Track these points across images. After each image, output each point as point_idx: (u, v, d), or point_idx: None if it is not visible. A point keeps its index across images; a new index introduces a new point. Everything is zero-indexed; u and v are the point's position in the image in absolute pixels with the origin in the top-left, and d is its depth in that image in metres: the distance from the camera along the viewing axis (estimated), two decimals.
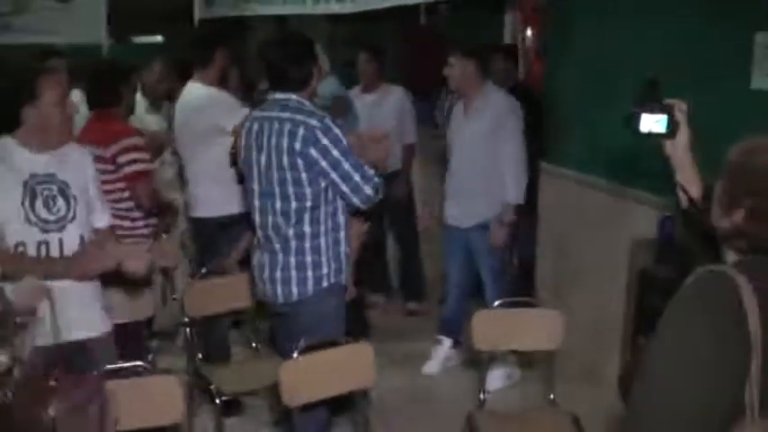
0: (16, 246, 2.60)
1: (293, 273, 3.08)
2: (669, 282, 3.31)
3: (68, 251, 2.69)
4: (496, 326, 3.32)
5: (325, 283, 3.09)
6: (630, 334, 3.94)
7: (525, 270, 5.09)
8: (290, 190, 3.02)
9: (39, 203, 2.64)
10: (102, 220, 2.91)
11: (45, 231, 2.65)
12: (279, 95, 3.10)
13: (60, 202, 2.69)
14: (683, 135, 2.00)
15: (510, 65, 5.16)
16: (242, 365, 4.01)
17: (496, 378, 4.20)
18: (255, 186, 3.13)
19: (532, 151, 4.49)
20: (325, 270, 3.08)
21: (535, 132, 4.60)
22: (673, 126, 1.99)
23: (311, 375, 2.93)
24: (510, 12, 5.61)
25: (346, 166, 2.98)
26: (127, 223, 3.72)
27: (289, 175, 3.00)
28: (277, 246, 3.10)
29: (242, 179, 3.49)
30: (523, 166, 4.27)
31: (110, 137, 3.62)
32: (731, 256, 1.68)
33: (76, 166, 2.79)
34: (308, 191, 3.01)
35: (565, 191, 4.75)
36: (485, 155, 4.23)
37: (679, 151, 2.01)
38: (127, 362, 2.75)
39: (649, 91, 2.01)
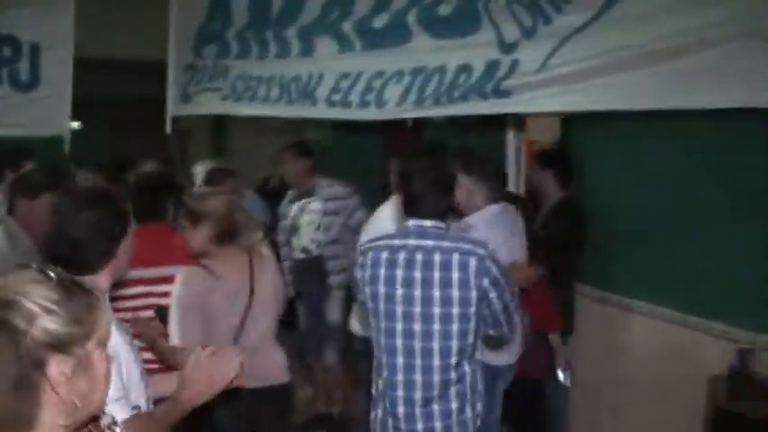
0: (133, 408, 2.18)
1: (454, 419, 2.71)
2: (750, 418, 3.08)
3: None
4: None
5: (479, 424, 2.80)
6: None
7: None
8: (455, 327, 2.59)
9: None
10: None
11: (147, 386, 2.30)
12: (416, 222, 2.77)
13: None
14: None
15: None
16: None
17: None
18: (399, 326, 2.69)
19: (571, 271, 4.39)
20: (479, 411, 2.81)
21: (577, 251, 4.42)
22: None
23: None
24: (513, 129, 5.35)
25: (508, 295, 2.76)
26: None
27: (456, 311, 2.58)
28: (433, 393, 2.70)
29: None
30: None
31: None
32: None
33: None
34: (471, 326, 2.64)
35: (608, 318, 4.45)
36: None
37: None
38: None
39: None
